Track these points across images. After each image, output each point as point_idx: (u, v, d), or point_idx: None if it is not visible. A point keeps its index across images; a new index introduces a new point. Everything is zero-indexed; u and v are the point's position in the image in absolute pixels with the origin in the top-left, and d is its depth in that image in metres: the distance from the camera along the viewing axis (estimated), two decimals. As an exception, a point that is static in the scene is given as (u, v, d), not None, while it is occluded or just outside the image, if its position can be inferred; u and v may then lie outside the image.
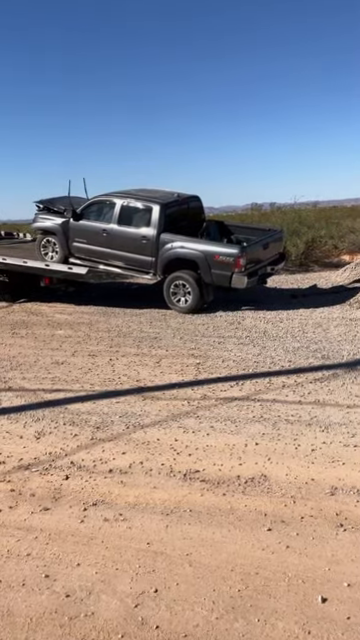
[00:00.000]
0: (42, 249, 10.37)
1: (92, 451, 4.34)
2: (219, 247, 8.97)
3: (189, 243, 9.03)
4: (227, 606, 2.67)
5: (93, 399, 5.45)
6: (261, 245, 9.39)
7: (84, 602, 2.74)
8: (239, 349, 6.86)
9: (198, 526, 3.33)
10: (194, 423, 4.74)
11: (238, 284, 8.70)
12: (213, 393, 5.43)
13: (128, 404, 5.27)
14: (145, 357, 6.77)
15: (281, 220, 14.52)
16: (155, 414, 4.99)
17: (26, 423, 4.92)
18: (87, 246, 9.89)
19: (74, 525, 3.40)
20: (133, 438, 4.52)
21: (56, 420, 4.95)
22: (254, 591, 2.76)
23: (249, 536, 3.20)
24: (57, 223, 10.12)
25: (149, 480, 3.87)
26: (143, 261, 9.40)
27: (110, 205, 9.67)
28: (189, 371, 6.16)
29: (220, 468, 3.97)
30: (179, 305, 9.14)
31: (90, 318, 9.20)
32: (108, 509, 3.55)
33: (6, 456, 4.32)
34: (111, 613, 2.66)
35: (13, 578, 2.94)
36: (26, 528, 3.39)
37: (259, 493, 3.64)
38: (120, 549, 3.15)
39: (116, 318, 9.07)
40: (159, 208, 9.18)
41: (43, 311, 9.92)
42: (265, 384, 5.60)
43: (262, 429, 4.54)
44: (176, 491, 3.71)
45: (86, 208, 9.90)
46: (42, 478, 3.97)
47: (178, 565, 2.99)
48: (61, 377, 6.16)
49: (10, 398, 5.58)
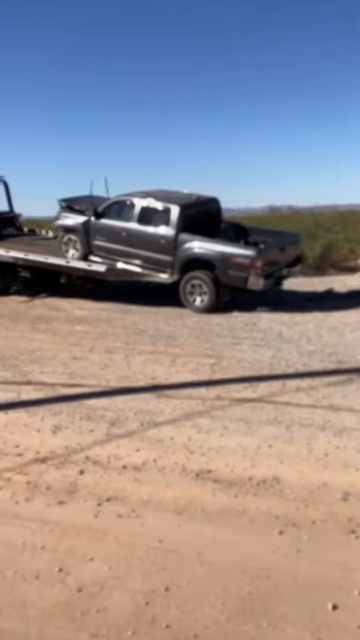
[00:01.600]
0: (64, 246, 10.49)
1: (107, 447, 4.39)
2: (236, 248, 8.98)
3: (206, 244, 9.06)
4: (237, 608, 2.69)
5: (109, 395, 5.51)
6: (278, 247, 9.39)
7: (96, 597, 2.79)
8: (254, 350, 6.86)
9: (210, 526, 3.35)
10: (208, 423, 4.77)
11: (254, 286, 8.70)
12: (227, 394, 5.45)
13: (143, 401, 5.31)
14: (161, 355, 6.81)
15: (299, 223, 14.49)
16: (169, 412, 5.02)
17: (43, 417, 4.99)
18: (107, 244, 9.99)
19: (88, 520, 3.45)
20: (147, 435, 4.56)
21: (72, 415, 5.01)
22: (264, 594, 2.78)
23: (260, 538, 3.22)
24: (79, 221, 10.24)
25: (162, 478, 3.91)
26: (161, 260, 9.46)
27: (130, 205, 9.75)
28: (204, 371, 6.18)
29: (233, 469, 3.99)
30: (195, 304, 9.17)
31: (108, 315, 9.28)
32: (121, 505, 3.59)
33: (23, 448, 4.39)
34: (122, 609, 2.70)
35: (27, 570, 3.01)
36: (41, 521, 3.45)
37: (271, 495, 3.65)
38: (132, 545, 3.19)
39: (133, 315, 9.13)
40: (178, 209, 9.23)
41: (62, 307, 10.03)
42: (279, 386, 5.60)
43: (275, 432, 4.55)
44: (188, 490, 3.74)
45: (107, 207, 10.00)
46: (58, 472, 4.03)
47: (189, 564, 3.02)
48: (78, 372, 6.23)
49: (29, 391, 5.67)
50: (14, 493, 3.77)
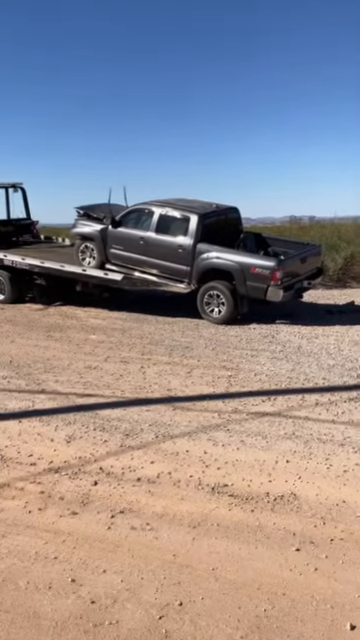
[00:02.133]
0: (80, 254, 10.53)
1: (121, 458, 4.36)
2: (256, 259, 8.93)
3: (225, 254, 9.02)
4: (252, 625, 2.63)
5: (123, 406, 5.48)
6: (298, 259, 9.31)
7: (109, 610, 2.75)
8: (272, 363, 6.79)
9: (225, 541, 3.30)
10: (224, 436, 4.71)
11: (273, 297, 8.63)
12: (244, 407, 5.39)
13: (158, 413, 5.28)
14: (176, 366, 6.78)
15: (320, 234, 14.36)
16: (185, 425, 4.98)
17: (57, 426, 4.98)
18: (124, 253, 10.00)
19: (101, 531, 3.41)
20: (162, 448, 4.52)
21: (87, 425, 4.99)
22: (280, 612, 2.71)
23: (277, 555, 3.16)
24: (96, 229, 10.27)
25: (177, 491, 3.86)
26: (178, 270, 9.44)
27: (148, 213, 9.76)
28: (220, 383, 6.13)
29: (249, 484, 3.93)
30: (212, 315, 9.13)
31: (123, 324, 9.27)
32: (135, 517, 3.55)
33: (37, 458, 4.38)
34: (135, 623, 2.65)
35: (40, 580, 2.97)
36: (54, 531, 3.43)
37: (288, 512, 3.59)
38: (146, 559, 3.14)
39: (149, 325, 9.11)
40: (197, 218, 9.22)
41: (78, 315, 10.06)
42: (298, 401, 5.53)
43: (293, 447, 4.48)
44: (204, 504, 3.69)
45: (125, 216, 10.02)
46: (71, 482, 4.00)
47: (204, 579, 2.97)
48: (93, 382, 6.22)
49: (43, 400, 5.67)
50: (27, 503, 3.75)
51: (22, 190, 13.41)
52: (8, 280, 11.10)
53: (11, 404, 5.57)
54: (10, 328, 9.05)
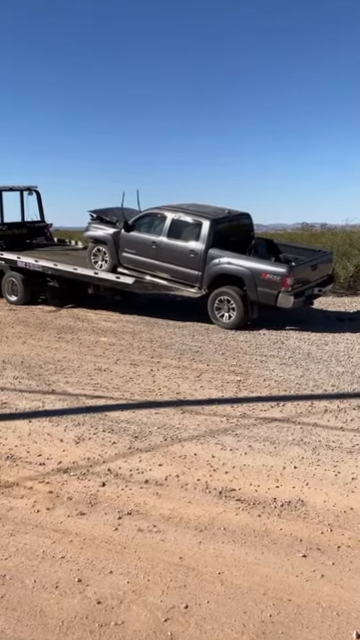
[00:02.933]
0: (92, 257, 10.60)
1: (129, 460, 4.38)
2: (267, 265, 8.93)
3: (236, 259, 9.04)
4: (258, 630, 2.63)
5: (133, 408, 5.50)
6: (309, 265, 9.29)
7: (115, 610, 2.76)
8: (281, 369, 6.78)
9: (231, 545, 3.30)
10: (232, 441, 4.71)
11: (284, 303, 8.63)
12: (253, 412, 5.39)
13: (167, 416, 5.29)
14: (186, 370, 6.79)
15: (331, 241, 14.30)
16: (193, 428, 4.99)
17: (67, 427, 5.01)
18: (136, 257, 10.04)
19: (108, 532, 3.43)
20: (170, 451, 4.53)
21: (96, 426, 5.02)
22: (286, 618, 2.71)
23: (283, 561, 3.15)
24: (108, 233, 10.34)
25: (184, 494, 3.87)
26: (189, 275, 9.46)
27: (161, 218, 9.80)
28: (229, 388, 6.13)
29: (256, 489, 3.93)
30: (222, 320, 9.13)
31: (134, 327, 9.31)
32: (142, 519, 3.56)
33: (46, 458, 4.41)
34: (141, 625, 2.66)
35: (47, 579, 2.99)
36: (62, 531, 3.45)
37: (295, 518, 3.58)
38: (152, 561, 3.15)
39: (159, 329, 9.14)
40: (209, 223, 9.24)
41: (89, 317, 10.12)
42: (307, 407, 5.52)
43: (301, 453, 4.47)
44: (211, 508, 3.69)
45: (137, 220, 10.07)
46: (79, 483, 4.03)
47: (209, 583, 2.97)
48: (103, 384, 6.26)
49: (53, 401, 5.71)
50: (36, 502, 3.78)
51: (37, 193, 13.54)
52: (21, 282, 11.20)
53: (21, 404, 5.62)
54: (22, 329, 9.13)
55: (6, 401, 5.70)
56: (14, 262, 11.24)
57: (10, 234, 12.81)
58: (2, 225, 12.96)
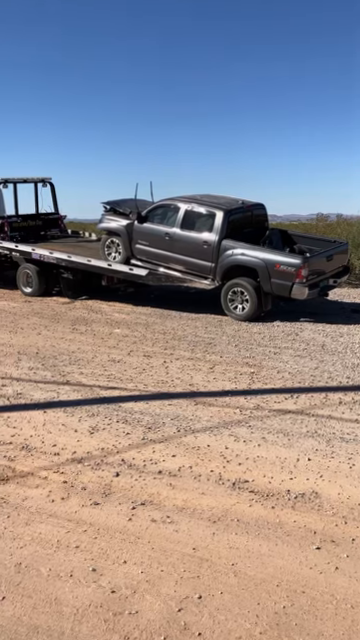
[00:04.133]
0: (106, 249, 10.60)
1: (143, 451, 4.39)
2: (281, 256, 8.86)
3: (250, 251, 8.97)
4: (271, 622, 2.63)
5: (146, 399, 5.51)
6: (324, 256, 9.20)
7: (129, 600, 2.78)
8: (295, 361, 6.75)
9: (245, 537, 3.30)
10: (246, 432, 4.70)
11: (298, 295, 8.56)
12: (266, 404, 5.37)
13: (180, 407, 5.29)
14: (199, 362, 6.79)
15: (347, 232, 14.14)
16: (206, 420, 4.99)
17: (81, 417, 5.04)
18: (149, 248, 10.02)
19: (122, 522, 3.45)
20: (184, 442, 4.54)
21: (110, 417, 5.04)
22: (300, 610, 2.70)
23: (297, 553, 3.15)
24: (122, 224, 10.32)
25: (198, 485, 3.87)
26: (203, 266, 9.43)
27: (174, 209, 9.76)
28: (243, 380, 6.12)
29: (270, 480, 3.92)
30: (235, 312, 9.10)
31: (147, 319, 9.32)
32: (156, 510, 3.58)
33: (61, 448, 4.44)
34: (154, 614, 2.68)
35: (62, 568, 3.02)
36: (76, 520, 3.48)
37: (309, 510, 3.57)
38: (166, 551, 3.17)
39: (172, 321, 9.14)
40: (223, 214, 9.19)
41: (103, 309, 10.15)
42: (321, 399, 5.48)
43: (316, 445, 4.45)
44: (224, 499, 3.69)
45: (151, 211, 10.04)
46: (93, 473, 4.05)
47: (223, 574, 2.98)
48: (116, 375, 6.28)
49: (67, 392, 5.74)
50: (51, 492, 3.81)
51: (51, 185, 13.56)
52: (36, 273, 11.26)
53: (36, 395, 5.66)
54: (37, 320, 9.19)
55: (21, 392, 5.75)
56: (29, 254, 11.29)
57: (25, 226, 12.87)
58: (17, 217, 13.02)
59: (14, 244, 11.71)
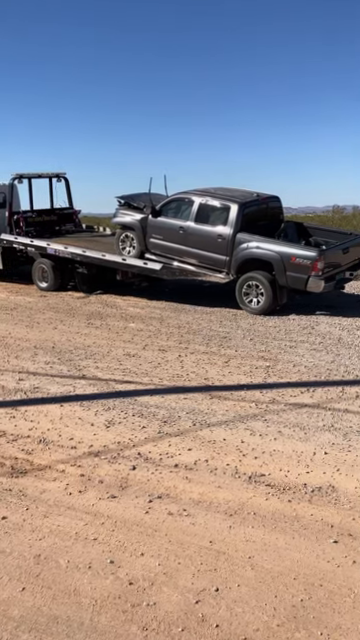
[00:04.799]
0: (120, 243, 10.62)
1: (159, 444, 4.41)
2: (296, 249, 8.79)
3: (265, 244, 8.92)
4: (289, 614, 2.64)
5: (161, 393, 5.53)
6: (341, 249, 9.11)
7: (146, 592, 2.80)
8: (311, 355, 6.71)
9: (261, 530, 3.30)
10: (261, 426, 4.70)
11: (314, 288, 8.49)
12: (282, 398, 5.36)
13: (195, 401, 5.30)
14: (214, 356, 6.79)
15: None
16: (222, 414, 4.99)
17: (97, 411, 5.08)
18: (163, 242, 10.02)
19: (139, 515, 3.47)
20: (199, 435, 4.55)
21: (126, 411, 5.07)
22: (317, 603, 2.71)
23: (314, 546, 3.14)
24: (136, 219, 10.33)
25: (214, 479, 3.88)
26: (217, 260, 9.40)
27: (188, 203, 9.73)
28: (258, 373, 6.11)
29: (286, 474, 3.91)
30: (250, 306, 9.06)
31: (161, 313, 9.33)
32: (172, 503, 3.60)
33: (77, 441, 4.48)
34: (172, 606, 2.70)
35: (80, 560, 3.06)
36: (93, 513, 3.51)
37: (326, 503, 3.56)
38: (183, 544, 3.19)
39: (186, 315, 9.14)
40: (237, 207, 9.14)
41: (117, 304, 10.18)
42: (337, 393, 5.45)
43: (332, 439, 4.43)
44: (241, 493, 3.70)
45: (165, 205, 10.02)
46: (110, 466, 4.09)
47: (240, 567, 2.99)
48: (132, 369, 6.30)
49: (83, 386, 5.78)
50: (68, 485, 3.85)
51: (65, 180, 13.60)
52: (51, 268, 11.33)
53: (53, 389, 5.71)
54: (53, 315, 9.26)
55: (38, 386, 5.80)
56: (44, 249, 11.37)
57: (40, 221, 12.94)
58: (32, 212, 13.09)
59: (29, 239, 11.80)
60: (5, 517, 3.49)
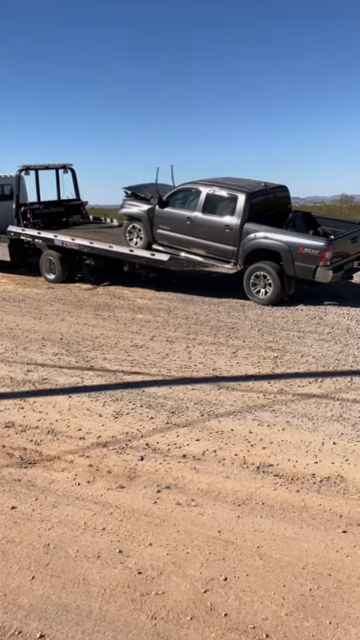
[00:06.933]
0: (127, 235, 10.59)
1: (167, 435, 4.42)
2: (304, 239, 8.72)
3: (273, 234, 8.85)
4: (297, 604, 2.64)
5: (169, 384, 5.53)
6: (349, 238, 9.03)
7: (155, 581, 2.82)
8: (319, 345, 6.68)
9: (270, 520, 3.30)
10: (269, 417, 4.69)
11: (322, 278, 8.43)
12: (290, 388, 5.34)
13: (203, 392, 5.30)
14: (221, 346, 6.77)
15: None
16: (230, 404, 4.98)
17: (105, 402, 5.09)
18: (170, 233, 9.97)
19: (147, 505, 3.48)
20: (207, 426, 4.55)
21: (134, 401, 5.08)
22: (326, 592, 2.70)
23: (322, 536, 3.14)
24: (143, 209, 10.28)
25: (222, 469, 3.88)
26: (225, 250, 9.35)
27: (195, 193, 9.67)
28: (266, 364, 6.09)
29: (295, 464, 3.91)
30: (258, 296, 9.01)
31: (169, 304, 9.31)
32: (180, 493, 3.60)
33: (86, 432, 4.50)
34: (181, 595, 2.71)
35: (89, 549, 3.07)
36: (102, 503, 3.52)
37: (334, 493, 3.55)
38: (191, 534, 3.19)
39: (194, 306, 9.12)
40: (245, 197, 9.07)
41: (125, 295, 10.18)
42: (346, 383, 5.42)
43: (341, 429, 4.41)
44: (249, 483, 3.70)
45: (172, 196, 9.97)
46: (118, 457, 4.10)
47: (248, 556, 2.99)
48: (139, 360, 6.31)
49: (91, 377, 5.80)
50: (77, 475, 3.87)
51: (72, 171, 13.56)
52: (58, 260, 11.34)
53: (61, 380, 5.73)
54: (60, 307, 9.27)
55: (47, 377, 5.82)
56: (51, 241, 11.36)
57: (47, 212, 12.92)
58: (39, 204, 13.07)
59: (37, 231, 11.80)
60: (14, 507, 3.51)
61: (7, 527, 3.31)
